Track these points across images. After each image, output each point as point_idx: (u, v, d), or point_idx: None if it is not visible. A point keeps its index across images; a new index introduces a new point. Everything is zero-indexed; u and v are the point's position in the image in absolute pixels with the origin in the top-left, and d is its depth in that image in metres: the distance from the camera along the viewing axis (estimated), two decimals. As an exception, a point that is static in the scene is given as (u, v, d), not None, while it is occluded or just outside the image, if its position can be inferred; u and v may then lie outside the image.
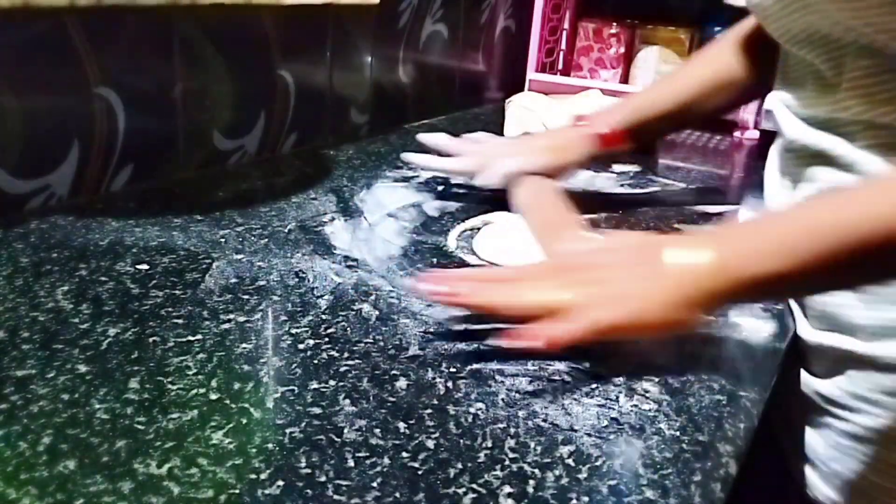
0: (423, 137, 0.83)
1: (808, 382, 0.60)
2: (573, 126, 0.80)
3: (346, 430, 0.39)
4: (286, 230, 0.67)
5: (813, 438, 0.61)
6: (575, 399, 0.44)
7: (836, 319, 0.56)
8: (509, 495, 0.35)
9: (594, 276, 0.48)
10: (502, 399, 0.43)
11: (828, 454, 0.59)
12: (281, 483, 0.35)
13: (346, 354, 0.47)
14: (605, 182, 0.91)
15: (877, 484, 0.56)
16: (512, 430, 0.40)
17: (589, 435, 0.41)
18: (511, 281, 0.50)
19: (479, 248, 0.66)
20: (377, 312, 0.53)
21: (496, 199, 0.75)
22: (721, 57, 0.76)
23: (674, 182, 0.93)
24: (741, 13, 0.74)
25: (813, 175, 0.58)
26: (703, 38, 1.33)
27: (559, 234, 0.61)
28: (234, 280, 0.56)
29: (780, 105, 0.62)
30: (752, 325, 0.55)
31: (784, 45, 0.60)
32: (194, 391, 0.42)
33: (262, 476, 0.36)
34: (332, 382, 0.44)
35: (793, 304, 0.61)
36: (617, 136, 0.77)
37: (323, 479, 0.36)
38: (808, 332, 0.59)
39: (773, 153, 0.66)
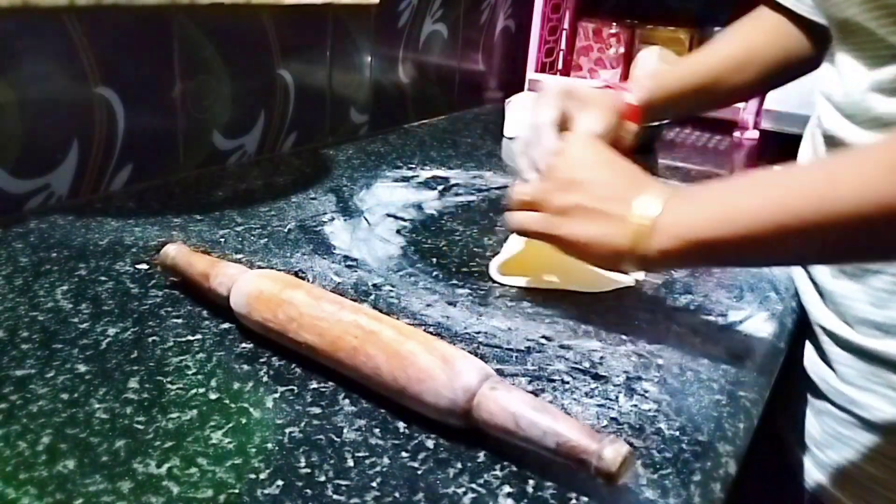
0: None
1: (816, 369, 0.61)
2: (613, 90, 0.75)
3: (345, 430, 0.39)
4: (286, 230, 0.67)
5: (812, 425, 0.61)
6: (575, 399, 0.44)
7: (849, 313, 0.56)
8: (509, 495, 0.35)
9: (575, 195, 0.50)
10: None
11: (825, 442, 0.60)
12: (280, 483, 0.35)
13: (345, 354, 0.47)
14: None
15: (873, 475, 0.56)
16: (511, 430, 0.40)
17: (589, 435, 0.40)
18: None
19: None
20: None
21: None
22: (753, 29, 0.73)
23: (674, 182, 0.93)
24: (741, 14, 0.74)
25: None
26: (703, 38, 1.33)
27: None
28: (233, 280, 0.56)
29: (821, 99, 0.60)
30: (753, 325, 0.55)
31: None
32: (194, 391, 0.42)
33: (262, 476, 0.36)
34: (331, 382, 0.44)
35: (808, 289, 0.61)
36: (635, 112, 0.73)
37: (322, 478, 0.36)
38: (823, 318, 0.59)
39: (808, 147, 0.64)
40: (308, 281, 0.57)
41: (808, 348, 0.63)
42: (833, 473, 0.59)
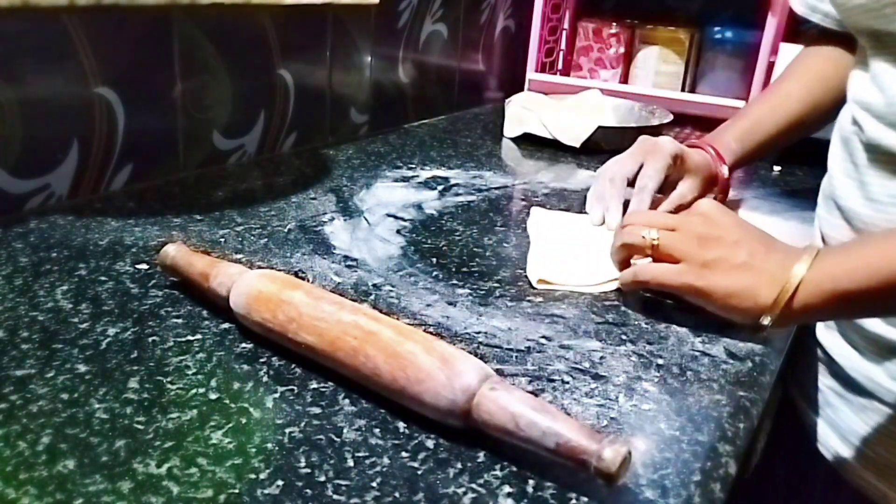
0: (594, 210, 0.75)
1: (859, 367, 0.61)
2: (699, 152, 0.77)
3: (345, 430, 0.39)
4: (286, 230, 0.67)
5: (853, 421, 0.63)
6: (575, 399, 0.44)
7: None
8: (509, 495, 0.35)
9: (718, 250, 0.52)
10: (502, 399, 0.43)
11: (873, 439, 0.61)
12: (280, 483, 0.35)
13: (345, 354, 0.47)
14: (605, 182, 0.90)
15: None
16: (511, 430, 0.40)
17: (588, 435, 0.40)
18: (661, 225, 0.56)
19: (534, 219, 0.73)
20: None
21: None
22: (820, 65, 0.77)
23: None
24: (741, 14, 0.75)
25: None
26: (703, 38, 1.33)
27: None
28: (233, 280, 0.56)
29: (857, 107, 0.61)
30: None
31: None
32: (194, 391, 0.42)
33: (262, 476, 0.36)
34: (331, 382, 0.44)
35: None
36: (726, 186, 0.77)
37: (322, 478, 0.36)
38: (867, 321, 0.60)
39: (840, 153, 0.65)
40: (308, 281, 0.57)
41: (846, 348, 0.63)
42: (884, 470, 0.60)
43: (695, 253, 0.52)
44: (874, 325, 0.59)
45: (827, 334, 0.66)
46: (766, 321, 0.50)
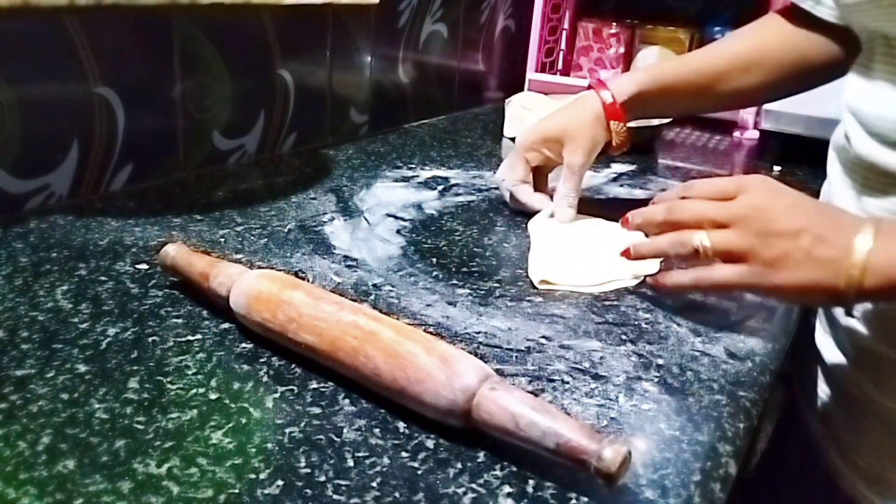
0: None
1: (853, 380, 0.61)
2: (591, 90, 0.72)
3: (345, 430, 0.39)
4: (286, 230, 0.67)
5: (848, 431, 0.63)
6: (575, 399, 0.44)
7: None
8: (509, 495, 0.35)
9: (780, 243, 0.49)
10: (502, 399, 0.43)
11: (865, 449, 0.61)
12: (280, 483, 0.35)
13: (345, 354, 0.47)
14: (604, 182, 0.91)
15: None
16: (511, 430, 0.40)
17: (588, 435, 0.40)
18: (696, 215, 0.52)
19: (535, 219, 0.72)
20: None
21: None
22: (765, 30, 0.71)
23: (673, 182, 0.93)
24: (741, 14, 0.73)
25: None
26: (703, 38, 1.33)
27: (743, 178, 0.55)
28: (233, 280, 0.56)
29: (846, 111, 0.59)
30: (753, 325, 0.55)
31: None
32: (194, 391, 0.42)
33: (262, 476, 0.36)
34: (331, 382, 0.44)
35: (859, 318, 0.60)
36: (616, 110, 0.69)
37: (322, 478, 0.36)
38: (865, 339, 0.59)
39: (836, 159, 0.63)
40: (308, 281, 0.57)
41: (842, 360, 0.63)
42: (875, 480, 0.60)
43: (756, 252, 0.49)
44: (868, 340, 0.58)
45: (825, 344, 0.65)
46: (847, 305, 0.49)
